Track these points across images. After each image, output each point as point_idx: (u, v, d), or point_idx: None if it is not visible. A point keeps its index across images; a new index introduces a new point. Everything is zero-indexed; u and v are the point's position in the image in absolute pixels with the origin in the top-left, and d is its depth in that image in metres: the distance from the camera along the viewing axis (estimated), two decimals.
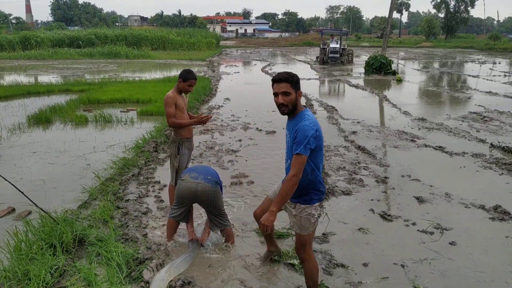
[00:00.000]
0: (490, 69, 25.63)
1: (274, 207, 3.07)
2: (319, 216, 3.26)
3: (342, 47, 28.10)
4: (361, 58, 33.13)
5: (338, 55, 27.41)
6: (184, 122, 4.75)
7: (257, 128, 9.50)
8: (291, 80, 3.04)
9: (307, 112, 3.12)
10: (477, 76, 21.13)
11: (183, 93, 4.86)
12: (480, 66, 27.92)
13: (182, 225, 4.52)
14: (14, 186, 4.09)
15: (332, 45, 27.50)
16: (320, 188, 3.19)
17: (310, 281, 3.37)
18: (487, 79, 19.90)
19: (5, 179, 4.02)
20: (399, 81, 19.11)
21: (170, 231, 4.38)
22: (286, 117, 3.20)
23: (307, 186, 3.14)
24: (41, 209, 4.29)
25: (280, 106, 3.08)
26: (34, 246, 3.96)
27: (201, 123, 4.75)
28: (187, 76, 4.69)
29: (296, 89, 3.06)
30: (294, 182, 3.00)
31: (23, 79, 18.47)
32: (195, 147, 7.20)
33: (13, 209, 5.14)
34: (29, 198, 4.16)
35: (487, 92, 15.48)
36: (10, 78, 18.47)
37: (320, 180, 3.18)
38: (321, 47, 29.05)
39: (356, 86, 17.35)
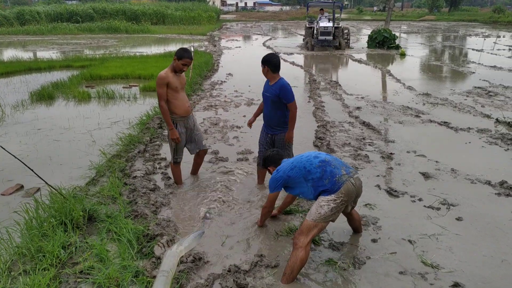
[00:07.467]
0: (494, 42, 25.30)
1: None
2: (331, 214, 3.33)
3: (336, 25, 21.02)
4: (363, 32, 32.70)
5: (331, 38, 20.46)
6: (167, 119, 4.75)
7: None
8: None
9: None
10: (481, 50, 20.89)
11: (177, 72, 4.75)
12: (484, 39, 27.55)
13: (189, 207, 4.54)
14: (25, 164, 4.10)
15: (323, 23, 20.64)
16: (324, 189, 3.40)
17: (289, 268, 3.29)
18: (491, 53, 19.68)
19: (15, 157, 4.02)
20: (403, 55, 18.93)
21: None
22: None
23: None
24: (51, 186, 4.30)
25: None
26: (45, 223, 4.00)
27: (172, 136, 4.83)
28: (183, 54, 4.61)
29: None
30: (265, 211, 4.02)
31: (23, 54, 18.27)
32: (199, 124, 7.17)
33: (22, 186, 5.17)
34: (38, 176, 4.17)
35: (491, 66, 15.33)
36: (9, 54, 18.26)
37: (322, 188, 3.40)
38: (307, 26, 21.80)
39: (359, 61, 17.20)
